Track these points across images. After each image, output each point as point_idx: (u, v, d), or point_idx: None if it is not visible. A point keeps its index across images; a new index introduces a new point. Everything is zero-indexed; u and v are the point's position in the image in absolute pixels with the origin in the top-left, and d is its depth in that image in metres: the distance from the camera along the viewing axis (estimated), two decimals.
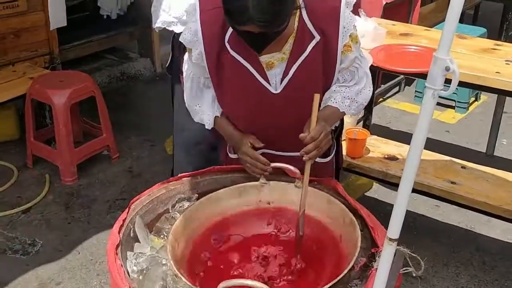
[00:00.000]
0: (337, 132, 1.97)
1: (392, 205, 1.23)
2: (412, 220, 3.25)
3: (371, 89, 1.81)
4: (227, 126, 1.82)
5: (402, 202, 1.14)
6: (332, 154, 1.96)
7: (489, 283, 2.79)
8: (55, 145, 3.60)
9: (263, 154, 1.86)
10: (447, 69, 1.01)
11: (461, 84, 2.86)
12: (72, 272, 2.83)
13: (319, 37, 1.64)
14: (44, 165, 3.72)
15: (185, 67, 1.82)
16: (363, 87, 1.77)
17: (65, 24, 4.21)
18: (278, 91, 1.69)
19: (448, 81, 1.05)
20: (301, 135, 1.63)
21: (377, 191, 3.52)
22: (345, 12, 1.63)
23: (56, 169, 3.61)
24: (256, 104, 1.73)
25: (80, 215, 3.28)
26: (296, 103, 1.70)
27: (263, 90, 1.70)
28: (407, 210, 1.22)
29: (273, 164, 1.73)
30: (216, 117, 1.82)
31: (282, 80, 1.69)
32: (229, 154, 1.96)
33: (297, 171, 1.68)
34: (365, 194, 3.50)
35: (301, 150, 1.62)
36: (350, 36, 1.66)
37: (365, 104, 1.82)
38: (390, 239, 1.21)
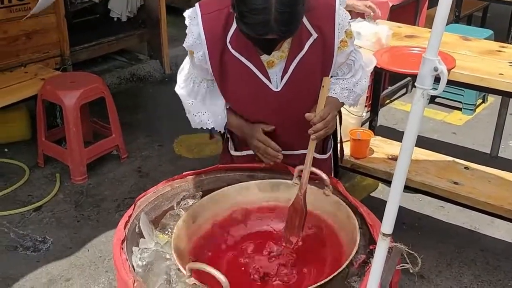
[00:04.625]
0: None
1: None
2: (416, 220, 3.28)
3: (367, 80, 1.90)
4: (236, 118, 1.86)
5: (395, 197, 1.18)
6: (330, 151, 2.00)
7: (492, 283, 2.80)
8: (66, 145, 3.67)
9: None
10: (436, 69, 1.05)
11: (465, 85, 2.90)
12: (81, 269, 2.89)
13: (316, 35, 1.70)
14: (54, 164, 3.79)
15: (184, 71, 1.85)
16: (360, 79, 1.86)
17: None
18: (279, 88, 1.75)
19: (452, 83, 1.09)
20: (308, 114, 1.68)
21: (382, 192, 3.55)
22: (340, 9, 1.71)
23: (67, 169, 3.68)
24: (258, 102, 1.78)
25: (90, 213, 3.35)
26: (296, 99, 1.76)
27: (264, 88, 1.75)
28: (412, 211, 1.26)
29: (312, 169, 1.71)
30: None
31: (282, 77, 1.74)
32: (231, 151, 2.00)
33: (327, 178, 1.67)
34: (371, 194, 3.53)
35: (310, 129, 1.68)
36: (345, 32, 1.73)
37: (362, 94, 1.90)
38: (384, 234, 1.24)
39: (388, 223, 1.22)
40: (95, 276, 2.84)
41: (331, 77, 1.79)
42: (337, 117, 1.89)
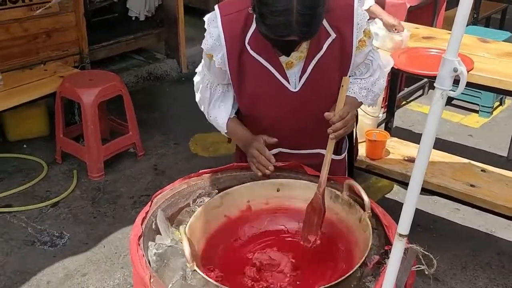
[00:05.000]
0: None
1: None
2: (432, 222, 3.26)
3: (385, 79, 1.91)
4: (242, 127, 1.89)
5: (412, 198, 1.18)
6: (345, 152, 2.01)
7: (508, 287, 2.78)
8: (83, 142, 3.71)
9: (280, 153, 1.92)
10: (455, 70, 1.05)
11: (482, 87, 2.89)
12: (97, 265, 2.93)
13: (335, 35, 1.71)
14: (72, 161, 3.84)
15: (200, 77, 1.88)
16: (378, 78, 1.86)
17: None
18: (297, 89, 1.75)
19: (470, 85, 1.09)
20: (327, 113, 1.69)
21: (397, 193, 3.54)
22: (358, 9, 1.71)
23: (84, 165, 3.72)
24: (276, 103, 1.78)
25: (106, 210, 3.39)
26: (314, 100, 1.76)
27: (283, 89, 1.75)
28: (427, 213, 1.27)
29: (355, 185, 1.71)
30: (228, 119, 1.89)
31: (300, 78, 1.74)
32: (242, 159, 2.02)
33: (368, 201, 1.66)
34: (386, 196, 3.53)
35: (329, 128, 1.68)
36: (363, 31, 1.73)
37: (380, 94, 1.90)
38: (400, 235, 1.24)
39: (404, 224, 1.22)
40: (110, 272, 2.88)
41: (349, 76, 1.79)
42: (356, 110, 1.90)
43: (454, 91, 1.09)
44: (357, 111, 1.93)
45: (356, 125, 2.03)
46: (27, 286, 2.76)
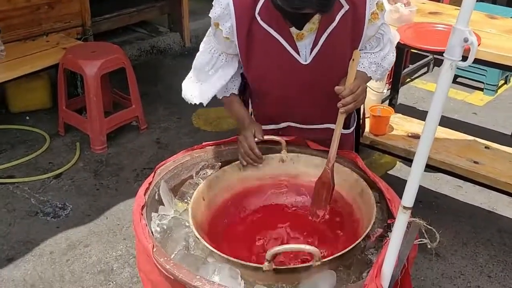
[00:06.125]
0: None
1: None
2: (433, 199, 3.27)
3: (394, 54, 1.87)
4: (240, 108, 1.87)
5: (418, 169, 1.17)
6: (354, 126, 2.00)
7: (508, 264, 2.79)
8: (86, 114, 3.70)
9: (288, 127, 1.91)
10: (466, 40, 1.03)
11: (488, 64, 2.85)
12: (100, 236, 2.94)
13: (348, 6, 1.67)
14: (75, 133, 3.84)
15: (206, 41, 1.83)
16: (387, 53, 1.83)
17: None
18: (308, 62, 1.72)
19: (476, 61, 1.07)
20: (337, 87, 1.66)
21: (400, 170, 3.53)
22: None
23: (86, 138, 3.72)
24: (286, 75, 1.76)
25: (109, 182, 3.39)
26: (325, 74, 1.74)
27: (292, 61, 1.72)
28: (429, 189, 1.26)
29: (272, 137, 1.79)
30: (230, 95, 1.88)
31: (311, 50, 1.71)
32: None
33: (282, 140, 1.77)
34: (388, 172, 3.52)
35: (339, 102, 1.66)
36: (376, 4, 1.70)
37: (389, 69, 1.88)
38: (404, 207, 1.24)
39: (409, 196, 1.22)
40: (113, 243, 2.89)
41: (360, 50, 1.77)
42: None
43: (465, 61, 1.07)
44: (366, 85, 1.91)
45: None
46: (30, 256, 2.78)
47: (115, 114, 3.82)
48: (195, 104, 1.89)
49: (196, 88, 1.86)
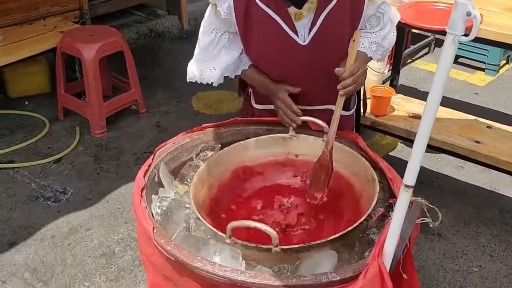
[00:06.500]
0: None
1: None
2: (435, 179, 3.26)
3: (395, 34, 1.84)
4: (260, 75, 1.82)
5: (419, 147, 1.15)
6: (354, 108, 1.98)
7: (510, 243, 2.79)
8: (85, 99, 3.68)
9: None
10: (468, 14, 1.00)
11: (491, 43, 2.82)
12: (101, 220, 2.94)
13: None
14: (74, 118, 3.82)
15: (206, 20, 1.79)
16: (388, 32, 1.80)
17: None
18: (306, 42, 1.70)
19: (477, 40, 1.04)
20: (337, 69, 1.64)
21: (401, 151, 3.52)
22: None
23: (86, 122, 3.70)
24: (284, 56, 1.73)
25: (109, 166, 3.39)
26: (324, 54, 1.71)
27: (291, 42, 1.70)
28: (430, 170, 1.24)
29: (302, 118, 1.74)
30: (248, 67, 1.83)
31: (310, 30, 1.69)
32: (254, 105, 1.98)
33: (325, 125, 1.69)
34: (390, 154, 3.51)
35: (339, 84, 1.64)
36: None
37: (390, 49, 1.85)
38: (406, 186, 1.22)
39: (411, 174, 1.20)
40: (114, 226, 2.89)
41: (360, 30, 1.74)
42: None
43: (467, 35, 1.05)
44: (367, 67, 1.89)
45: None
46: (32, 240, 2.78)
47: (114, 98, 3.80)
48: (200, 83, 1.85)
49: (205, 67, 1.83)
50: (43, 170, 3.32)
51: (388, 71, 3.77)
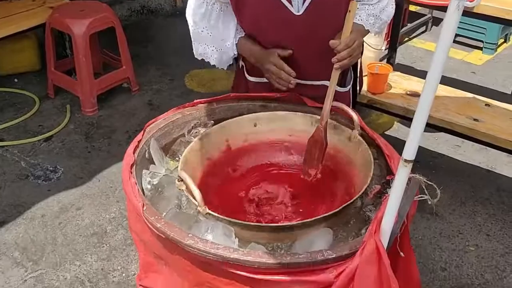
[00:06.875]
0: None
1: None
2: (431, 159, 3.22)
3: (393, 6, 1.79)
4: (251, 43, 1.75)
5: (420, 120, 1.10)
6: (350, 84, 1.92)
7: (507, 222, 2.76)
8: (76, 76, 3.60)
9: None
10: None
11: (490, 18, 2.76)
12: (92, 198, 2.89)
13: None
14: (65, 95, 3.75)
15: None
16: (386, 5, 1.75)
17: None
18: (300, 12, 1.64)
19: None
20: (332, 41, 1.58)
21: (397, 131, 3.48)
22: None
23: (77, 100, 3.63)
24: (278, 27, 1.68)
25: (100, 144, 3.33)
26: (319, 26, 1.65)
27: (284, 12, 1.64)
28: (427, 149, 1.19)
29: (335, 103, 1.64)
30: (239, 39, 1.77)
31: (304, 0, 1.63)
32: (248, 78, 1.92)
33: (353, 113, 1.62)
34: (386, 133, 3.46)
35: (334, 57, 1.58)
36: None
37: (388, 22, 1.79)
38: (405, 161, 1.18)
39: (410, 148, 1.15)
40: (106, 205, 2.84)
41: (357, 1, 1.67)
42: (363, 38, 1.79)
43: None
44: (363, 40, 1.82)
45: (361, 56, 1.93)
46: (22, 219, 2.74)
47: (106, 75, 3.73)
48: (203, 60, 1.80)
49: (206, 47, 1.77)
50: (33, 149, 3.26)
51: (385, 49, 3.70)
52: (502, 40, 4.72)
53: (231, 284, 1.27)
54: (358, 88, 2.73)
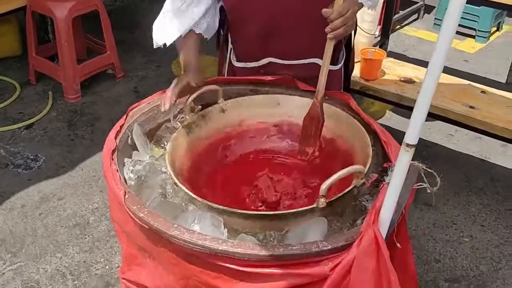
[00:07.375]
0: (347, 38, 1.81)
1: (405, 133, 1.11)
2: (424, 148, 3.15)
3: None
4: (193, 51, 1.67)
5: (424, 100, 1.02)
6: (342, 62, 1.83)
7: (501, 213, 2.71)
8: (58, 62, 3.48)
9: (270, 63, 1.73)
10: None
11: (486, 3, 2.68)
12: (75, 188, 2.79)
13: None
14: (47, 82, 3.63)
15: None
16: None
17: None
18: None
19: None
20: (325, 10, 1.47)
21: (390, 119, 3.40)
22: None
23: (59, 86, 3.52)
24: (266, 2, 1.59)
25: (84, 132, 3.22)
26: None
27: None
28: (420, 138, 1.11)
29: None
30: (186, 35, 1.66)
31: None
32: (235, 63, 1.83)
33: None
34: (378, 121, 3.39)
35: (327, 27, 1.48)
36: None
37: None
38: (408, 145, 1.10)
39: (413, 131, 1.08)
40: (89, 195, 2.74)
41: None
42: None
43: None
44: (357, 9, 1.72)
45: (355, 34, 1.84)
46: (0, 210, 2.63)
47: (89, 61, 3.61)
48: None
49: (167, 25, 1.66)
50: (13, 136, 3.14)
51: (378, 35, 3.62)
52: (495, 29, 4.66)
53: (219, 278, 1.19)
54: (350, 68, 2.65)
